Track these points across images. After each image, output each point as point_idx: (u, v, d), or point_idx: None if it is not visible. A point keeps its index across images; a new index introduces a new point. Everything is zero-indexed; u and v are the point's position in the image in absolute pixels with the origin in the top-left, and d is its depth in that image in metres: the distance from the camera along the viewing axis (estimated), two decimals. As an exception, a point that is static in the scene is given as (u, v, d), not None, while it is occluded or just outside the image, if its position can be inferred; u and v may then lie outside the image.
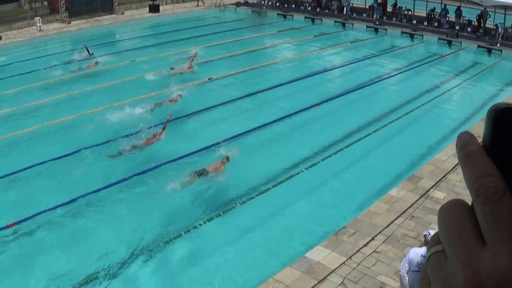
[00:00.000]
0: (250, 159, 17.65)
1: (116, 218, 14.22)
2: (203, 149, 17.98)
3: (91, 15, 40.34)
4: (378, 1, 42.50)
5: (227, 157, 16.96)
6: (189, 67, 27.30)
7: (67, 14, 38.81)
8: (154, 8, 43.92)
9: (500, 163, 0.73)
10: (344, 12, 43.33)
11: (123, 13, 42.42)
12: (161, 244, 13.01)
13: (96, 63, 28.26)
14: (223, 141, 18.25)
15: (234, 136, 19.05)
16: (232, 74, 26.83)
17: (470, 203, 0.74)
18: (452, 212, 0.75)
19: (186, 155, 17.49)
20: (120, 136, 18.46)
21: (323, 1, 45.64)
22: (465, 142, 0.76)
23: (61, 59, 28.78)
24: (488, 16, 38.09)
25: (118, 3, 42.73)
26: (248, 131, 19.63)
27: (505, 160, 0.73)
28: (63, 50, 31.91)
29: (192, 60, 27.92)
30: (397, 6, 42.46)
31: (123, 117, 20.28)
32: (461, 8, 39.83)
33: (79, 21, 39.26)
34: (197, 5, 46.55)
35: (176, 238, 13.24)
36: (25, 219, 13.68)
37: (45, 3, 42.25)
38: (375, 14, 41.61)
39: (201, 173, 16.12)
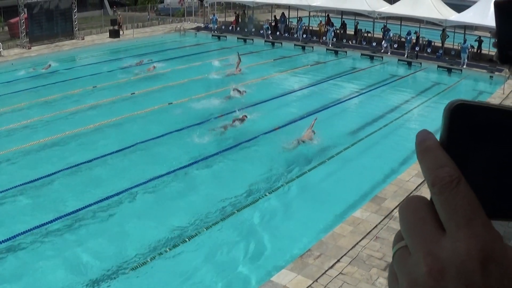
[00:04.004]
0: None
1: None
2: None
3: (51, 40, 39.97)
4: (331, 24, 43.03)
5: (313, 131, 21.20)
6: (239, 70, 32.69)
7: (28, 39, 38.47)
8: (115, 33, 43.74)
9: (457, 158, 0.75)
10: (298, 35, 43.75)
11: (83, 38, 42.15)
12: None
13: (154, 67, 33.44)
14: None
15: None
16: (191, 98, 26.64)
17: (429, 199, 0.76)
18: (410, 207, 0.77)
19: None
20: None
21: (278, 24, 46.05)
22: (422, 139, 0.78)
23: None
24: (447, 36, 38.66)
25: (79, 28, 42.46)
26: (212, 155, 19.59)
27: (461, 155, 0.75)
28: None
29: (239, 64, 33.14)
30: (358, 29, 42.90)
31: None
32: (421, 29, 40.53)
33: (39, 46, 38.92)
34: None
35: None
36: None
37: (6, 28, 42.00)
38: (327, 36, 41.94)
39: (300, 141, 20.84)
